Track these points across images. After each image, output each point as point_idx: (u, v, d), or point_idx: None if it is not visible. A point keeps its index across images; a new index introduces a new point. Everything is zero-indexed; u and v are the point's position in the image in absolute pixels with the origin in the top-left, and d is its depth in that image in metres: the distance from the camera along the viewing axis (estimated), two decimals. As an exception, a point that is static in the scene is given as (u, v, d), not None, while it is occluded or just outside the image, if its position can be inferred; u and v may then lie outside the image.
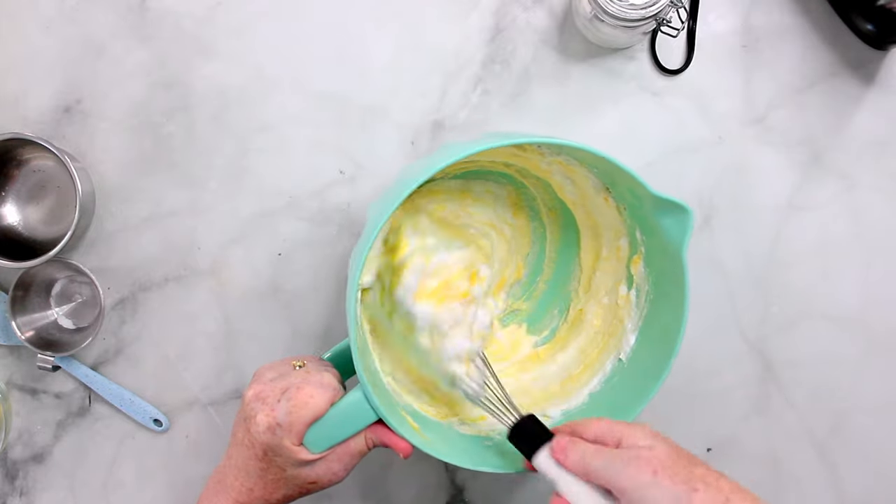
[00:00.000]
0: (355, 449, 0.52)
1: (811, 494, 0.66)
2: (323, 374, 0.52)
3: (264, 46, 0.66)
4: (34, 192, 0.67)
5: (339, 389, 0.52)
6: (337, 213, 0.66)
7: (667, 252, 0.53)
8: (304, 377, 0.51)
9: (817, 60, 0.65)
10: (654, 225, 0.53)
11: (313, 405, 0.49)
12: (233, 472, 0.52)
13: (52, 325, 0.69)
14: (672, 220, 0.51)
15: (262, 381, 0.52)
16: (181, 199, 0.67)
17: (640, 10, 0.57)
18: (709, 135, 0.65)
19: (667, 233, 0.52)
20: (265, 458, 0.50)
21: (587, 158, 0.55)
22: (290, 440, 0.49)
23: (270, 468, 0.51)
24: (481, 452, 0.56)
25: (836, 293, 0.66)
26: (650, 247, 0.56)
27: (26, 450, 0.69)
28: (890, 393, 0.66)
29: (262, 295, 0.67)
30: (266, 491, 0.52)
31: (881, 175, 0.65)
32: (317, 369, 0.53)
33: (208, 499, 0.53)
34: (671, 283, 0.53)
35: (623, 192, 0.55)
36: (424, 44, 0.66)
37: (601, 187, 0.57)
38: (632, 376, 0.57)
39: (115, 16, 0.66)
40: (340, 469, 0.52)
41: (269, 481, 0.51)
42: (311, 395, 0.50)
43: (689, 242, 0.51)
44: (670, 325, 0.53)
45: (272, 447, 0.50)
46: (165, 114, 0.66)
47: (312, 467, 0.51)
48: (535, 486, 0.68)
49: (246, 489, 0.52)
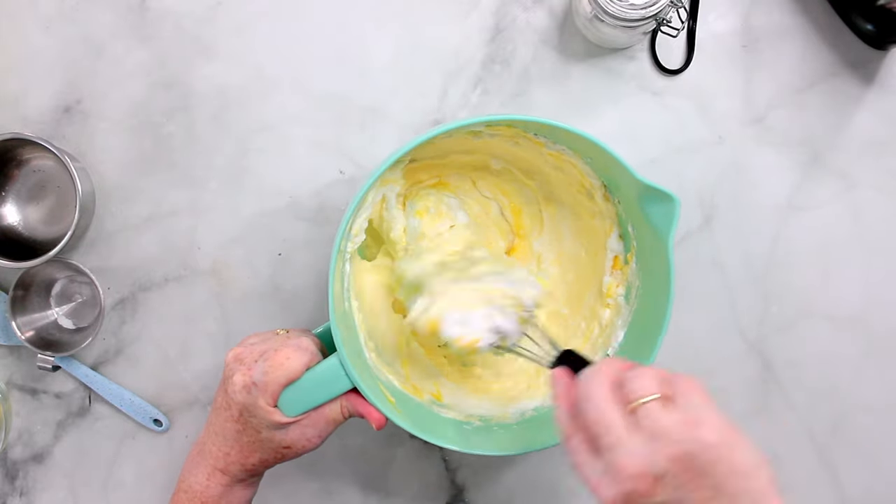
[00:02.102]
0: (330, 416, 0.53)
1: (811, 494, 0.66)
2: (301, 339, 0.53)
3: (264, 46, 0.66)
4: (34, 192, 0.67)
5: (317, 354, 0.53)
6: (337, 213, 0.66)
7: (654, 244, 0.53)
8: (283, 341, 0.52)
9: (817, 60, 0.65)
10: (642, 216, 0.53)
11: (288, 366, 0.50)
12: (211, 439, 0.53)
13: (52, 325, 0.69)
14: (659, 209, 0.52)
15: (243, 344, 0.53)
16: (181, 199, 0.67)
17: (640, 10, 0.57)
18: (709, 135, 0.65)
19: (653, 223, 0.52)
20: (240, 418, 0.51)
21: (578, 145, 0.55)
22: (265, 400, 0.50)
23: (246, 430, 0.52)
24: (460, 433, 0.56)
25: (836, 293, 0.66)
26: (641, 241, 0.56)
27: (26, 450, 0.69)
28: (890, 393, 0.66)
29: (262, 295, 0.67)
30: (242, 455, 0.53)
31: (881, 175, 0.65)
32: (296, 334, 0.54)
33: (189, 469, 0.54)
34: (659, 277, 0.54)
35: (615, 184, 0.56)
36: (424, 44, 0.66)
37: (595, 179, 0.57)
38: None
39: (115, 16, 0.66)
40: (314, 435, 0.53)
41: (245, 444, 0.52)
42: (287, 357, 0.51)
43: (675, 231, 0.51)
44: (656, 319, 0.54)
45: (247, 407, 0.51)
46: (165, 114, 0.66)
47: (286, 431, 0.52)
48: (535, 487, 0.68)
49: (223, 454, 0.53)
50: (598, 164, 0.56)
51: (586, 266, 0.62)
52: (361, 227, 0.56)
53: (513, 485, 0.68)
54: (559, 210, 0.63)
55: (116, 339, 0.68)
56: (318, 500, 0.68)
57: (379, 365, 0.58)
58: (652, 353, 0.53)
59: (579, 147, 0.56)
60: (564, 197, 0.62)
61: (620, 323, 0.59)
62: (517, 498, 0.68)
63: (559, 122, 0.51)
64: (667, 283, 0.52)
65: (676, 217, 0.51)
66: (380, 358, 0.59)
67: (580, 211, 0.62)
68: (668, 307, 0.53)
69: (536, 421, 0.58)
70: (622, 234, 0.59)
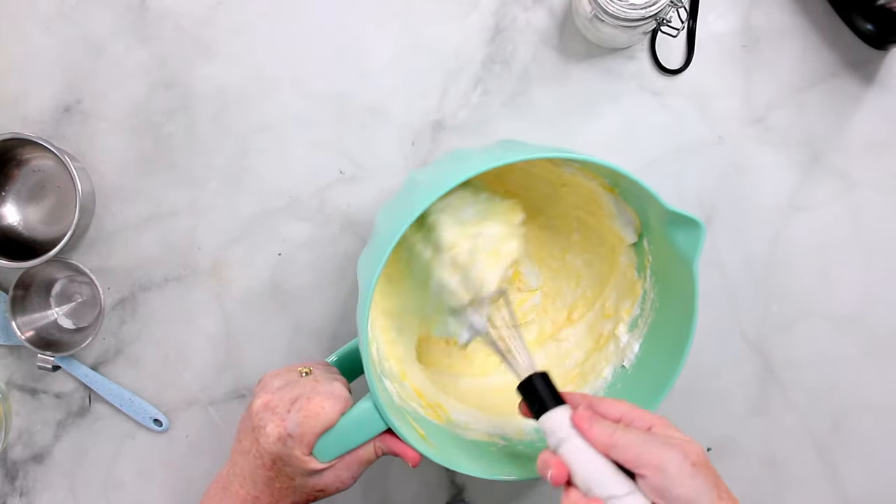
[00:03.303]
0: (364, 457, 0.52)
1: (811, 494, 0.66)
2: (333, 384, 0.51)
3: (264, 46, 0.66)
4: (34, 192, 0.67)
5: (349, 399, 0.51)
6: (337, 212, 0.66)
7: (673, 261, 0.53)
8: (314, 387, 0.51)
9: (817, 60, 0.65)
10: (663, 236, 0.53)
11: (324, 416, 0.49)
12: (238, 481, 0.52)
13: (52, 325, 0.69)
14: (684, 234, 0.51)
15: (269, 390, 0.51)
16: (181, 199, 0.67)
17: (640, 10, 0.57)
18: (709, 135, 0.65)
19: (678, 247, 0.51)
20: (273, 467, 0.50)
21: (597, 170, 0.55)
22: (301, 450, 0.49)
23: (279, 477, 0.51)
24: (488, 458, 0.55)
25: (836, 293, 0.66)
26: (657, 256, 0.56)
27: (26, 450, 0.69)
28: (890, 393, 0.66)
29: (262, 295, 0.67)
30: (273, 499, 0.51)
31: (881, 175, 0.65)
32: (325, 378, 0.52)
33: None
34: (679, 292, 0.53)
35: (631, 199, 0.56)
36: (424, 44, 0.66)
37: (609, 193, 0.57)
38: (637, 384, 0.57)
39: (115, 16, 0.66)
40: (348, 477, 0.52)
41: (276, 489, 0.51)
42: (321, 406, 0.49)
43: (700, 255, 0.50)
44: (678, 335, 0.53)
45: (282, 457, 0.50)
46: (165, 114, 0.66)
47: (321, 476, 0.51)
48: (535, 486, 0.68)
49: (252, 497, 0.51)
50: (621, 187, 0.55)
51: (592, 274, 0.62)
52: None
53: (513, 485, 0.68)
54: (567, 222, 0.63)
55: (116, 339, 0.68)
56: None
57: (403, 395, 0.57)
58: (674, 373, 0.53)
59: (597, 170, 0.55)
60: (570, 210, 0.62)
61: (636, 335, 0.58)
62: (517, 498, 0.68)
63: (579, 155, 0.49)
64: (690, 304, 0.51)
65: (702, 242, 0.50)
66: (401, 387, 0.58)
67: (592, 222, 0.61)
68: (691, 327, 0.52)
69: None
70: (636, 248, 0.58)
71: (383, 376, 0.56)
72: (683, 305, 0.52)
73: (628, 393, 0.57)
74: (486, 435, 0.58)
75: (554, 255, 0.64)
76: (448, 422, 0.58)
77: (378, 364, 0.56)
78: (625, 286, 0.59)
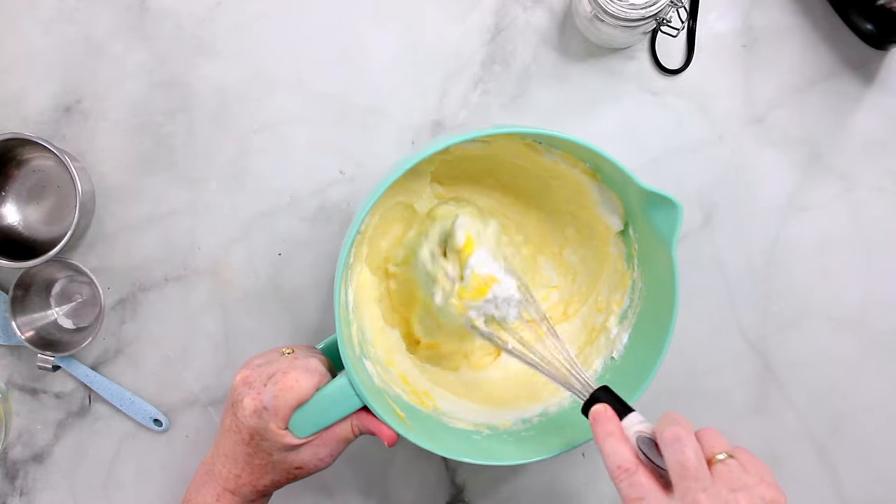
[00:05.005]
0: (341, 435, 0.53)
1: (811, 494, 0.66)
2: (309, 360, 0.52)
3: (264, 46, 0.66)
4: (34, 192, 0.67)
5: (326, 375, 0.52)
6: (337, 212, 0.66)
7: (656, 246, 0.53)
8: (291, 362, 0.52)
9: (817, 60, 0.65)
10: (644, 221, 0.53)
11: (298, 389, 0.50)
12: (220, 460, 0.53)
13: (52, 325, 0.68)
14: (662, 215, 0.51)
15: (250, 366, 0.53)
16: (181, 199, 0.67)
17: (640, 10, 0.57)
18: (709, 134, 0.65)
19: (657, 229, 0.52)
20: (251, 442, 0.51)
21: (577, 151, 0.55)
22: (276, 424, 0.50)
23: (257, 453, 0.51)
24: (469, 444, 0.56)
25: (836, 293, 0.66)
26: (641, 243, 0.56)
27: (26, 450, 0.69)
28: (890, 393, 0.66)
29: (262, 295, 0.67)
30: (253, 476, 0.52)
31: (881, 175, 0.65)
32: (304, 355, 0.54)
33: (196, 489, 0.54)
34: (662, 279, 0.54)
35: (613, 185, 0.56)
36: (424, 44, 0.66)
37: (593, 181, 0.57)
38: (623, 373, 0.57)
39: (115, 16, 0.66)
40: (326, 454, 0.53)
41: (256, 466, 0.52)
42: (296, 380, 0.50)
43: (678, 237, 0.51)
44: (662, 322, 0.53)
45: (258, 431, 0.50)
46: (165, 114, 0.66)
47: (298, 452, 0.52)
48: (534, 486, 0.68)
49: (233, 476, 0.52)
50: (603, 172, 0.56)
51: (586, 268, 0.63)
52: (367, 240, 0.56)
53: (512, 485, 0.68)
54: (557, 215, 0.63)
55: (116, 339, 0.68)
56: (318, 500, 0.68)
57: (386, 378, 0.58)
58: (657, 359, 0.53)
59: (577, 153, 0.55)
60: (562, 205, 0.62)
61: (625, 326, 0.59)
62: (517, 498, 0.68)
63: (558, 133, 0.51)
64: (671, 287, 0.52)
65: (680, 222, 0.50)
66: (385, 371, 0.58)
67: (580, 214, 0.62)
68: (673, 311, 0.52)
69: (542, 427, 0.58)
70: (624, 238, 0.59)
71: (365, 358, 0.57)
72: (666, 291, 0.53)
73: (615, 382, 0.57)
74: (472, 424, 0.59)
75: (553, 252, 0.64)
76: (434, 409, 0.59)
77: (359, 345, 0.57)
78: (615, 278, 0.60)
